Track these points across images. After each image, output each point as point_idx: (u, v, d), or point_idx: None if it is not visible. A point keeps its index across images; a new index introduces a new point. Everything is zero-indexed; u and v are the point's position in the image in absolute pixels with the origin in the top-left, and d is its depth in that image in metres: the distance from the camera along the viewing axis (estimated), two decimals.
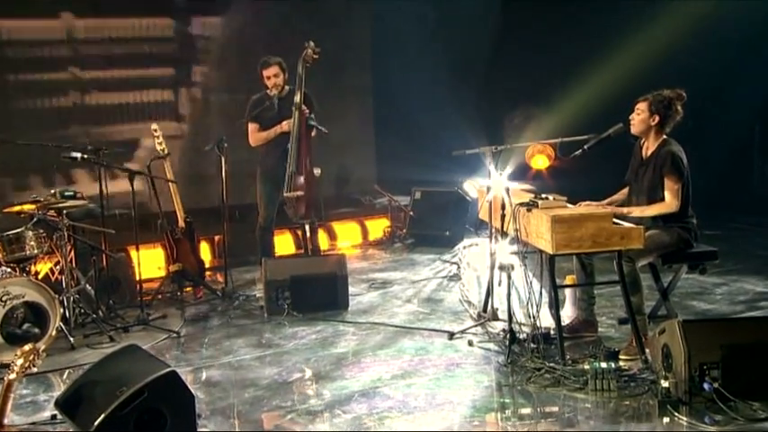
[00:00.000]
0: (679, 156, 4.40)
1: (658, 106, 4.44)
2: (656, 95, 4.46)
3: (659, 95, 4.45)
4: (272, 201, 6.13)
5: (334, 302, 5.58)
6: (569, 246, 4.06)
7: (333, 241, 8.19)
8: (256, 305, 5.79)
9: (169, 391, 3.42)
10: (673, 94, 4.44)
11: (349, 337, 5.02)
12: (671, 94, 4.43)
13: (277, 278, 5.50)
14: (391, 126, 9.00)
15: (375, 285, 6.38)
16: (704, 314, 5.13)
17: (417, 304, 5.78)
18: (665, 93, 4.45)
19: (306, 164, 5.91)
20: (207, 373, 4.48)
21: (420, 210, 8.12)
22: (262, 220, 6.22)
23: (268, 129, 6.05)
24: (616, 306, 5.27)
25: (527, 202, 4.42)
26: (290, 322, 5.34)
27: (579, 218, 4.05)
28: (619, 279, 4.27)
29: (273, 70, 5.97)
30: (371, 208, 8.84)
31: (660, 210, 4.40)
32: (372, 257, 7.69)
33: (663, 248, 4.43)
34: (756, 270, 6.19)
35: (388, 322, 5.27)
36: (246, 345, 4.94)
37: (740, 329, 3.77)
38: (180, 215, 6.11)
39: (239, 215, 7.63)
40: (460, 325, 5.10)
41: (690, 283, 5.69)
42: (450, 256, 7.39)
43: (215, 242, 7.29)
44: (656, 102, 4.44)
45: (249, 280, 6.57)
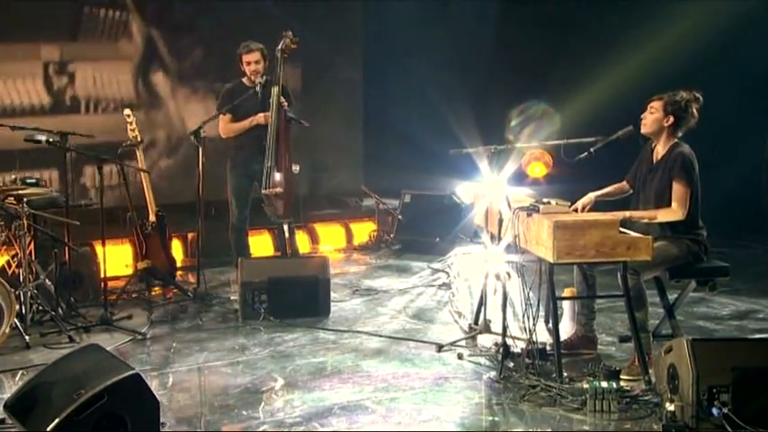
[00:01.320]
0: (690, 159, 4.33)
1: (674, 107, 4.37)
2: (671, 95, 4.40)
3: (676, 95, 4.39)
4: (244, 198, 6.04)
5: (315, 308, 5.49)
6: (572, 254, 3.98)
7: (315, 244, 8.12)
8: (230, 308, 5.70)
9: (132, 396, 3.30)
10: (690, 95, 4.38)
11: (329, 345, 4.93)
12: (688, 96, 4.37)
13: (254, 280, 5.40)
14: (381, 123, 8.94)
15: (359, 292, 6.30)
16: (711, 335, 5.07)
17: (404, 313, 5.71)
18: (682, 93, 4.38)
19: (285, 160, 5.83)
20: (174, 378, 4.36)
21: (409, 214, 8.05)
22: (234, 218, 6.13)
23: (240, 119, 5.96)
24: (616, 322, 5.23)
25: (527, 206, 4.34)
26: (265, 327, 5.25)
27: (583, 225, 3.98)
28: (623, 293, 4.19)
29: (255, 56, 5.89)
30: (357, 210, 8.79)
31: (665, 216, 4.31)
32: (357, 263, 7.62)
33: (671, 262, 4.35)
34: (766, 292, 6.15)
35: (372, 331, 5.19)
36: (218, 350, 4.84)
37: (754, 351, 3.70)
38: (151, 209, 5.99)
39: (216, 212, 7.54)
40: (450, 337, 5.02)
41: (696, 302, 5.64)
42: (441, 264, 7.32)
43: (188, 240, 7.17)
44: (671, 102, 4.38)
45: (224, 281, 6.47)
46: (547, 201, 4.39)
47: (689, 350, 3.54)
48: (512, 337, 4.53)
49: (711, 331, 5.17)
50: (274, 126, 5.79)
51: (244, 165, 6.01)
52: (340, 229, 8.42)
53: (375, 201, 8.33)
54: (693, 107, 4.38)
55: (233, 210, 6.13)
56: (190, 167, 6.09)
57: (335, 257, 7.79)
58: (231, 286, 6.21)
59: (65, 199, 5.45)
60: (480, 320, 5.01)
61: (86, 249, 5.97)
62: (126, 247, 6.50)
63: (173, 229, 6.44)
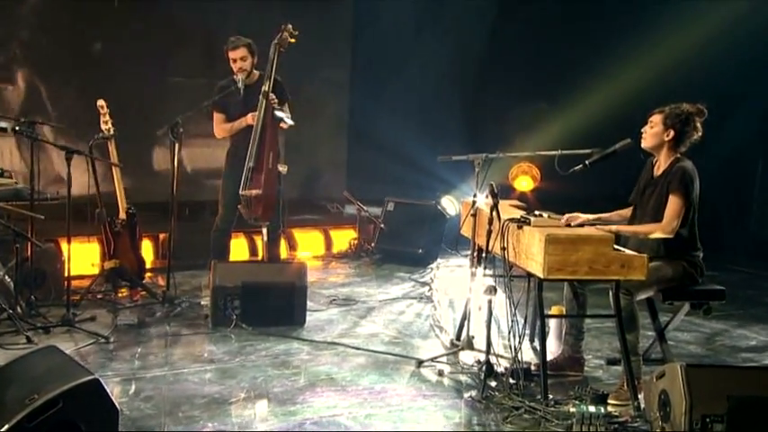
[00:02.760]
0: (690, 174, 4.25)
1: (675, 120, 4.29)
2: (673, 108, 4.32)
3: (677, 108, 4.31)
4: (234, 200, 5.91)
5: (290, 317, 5.40)
6: (563, 270, 3.88)
7: (292, 251, 8.03)
8: (200, 313, 5.59)
9: (89, 403, 3.16)
10: (693, 108, 4.30)
11: (303, 356, 4.82)
12: (690, 109, 4.29)
13: (226, 284, 5.29)
14: (368, 128, 8.85)
15: (336, 302, 6.22)
16: (703, 360, 5.01)
17: (383, 325, 5.62)
18: (684, 106, 4.30)
19: (268, 159, 5.73)
20: (137, 385, 4.23)
21: (392, 223, 7.98)
22: (219, 220, 6.04)
23: (233, 119, 5.89)
24: (604, 344, 5.17)
25: (518, 218, 4.25)
26: (237, 335, 5.14)
27: (576, 240, 3.89)
28: (615, 313, 4.11)
29: (240, 52, 5.79)
30: (338, 216, 8.71)
31: (654, 230, 4.22)
32: (335, 271, 7.55)
33: (665, 283, 4.28)
34: (759, 317, 6.13)
35: (349, 343, 5.10)
36: (185, 357, 4.72)
37: (751, 380, 3.61)
38: (121, 205, 5.85)
39: (189, 212, 7.41)
40: (430, 352, 4.94)
41: (686, 326, 5.59)
42: (422, 275, 7.27)
43: (160, 240, 7.04)
44: (672, 115, 4.30)
45: (195, 285, 6.38)
46: (539, 213, 4.32)
47: (682, 376, 3.46)
48: (495, 354, 4.43)
49: (702, 356, 5.12)
50: (259, 122, 5.69)
51: (238, 167, 5.87)
52: (319, 236, 8.35)
53: (357, 208, 8.26)
54: (697, 121, 4.29)
55: (221, 210, 6.03)
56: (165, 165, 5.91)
57: (313, 265, 7.69)
58: (203, 290, 6.10)
59: (30, 191, 5.28)
60: (463, 336, 4.92)
61: (51, 246, 5.84)
62: (93, 245, 6.36)
63: (144, 229, 6.31)
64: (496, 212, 4.33)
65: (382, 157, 8.52)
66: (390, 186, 8.34)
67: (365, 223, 8.31)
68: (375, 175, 8.65)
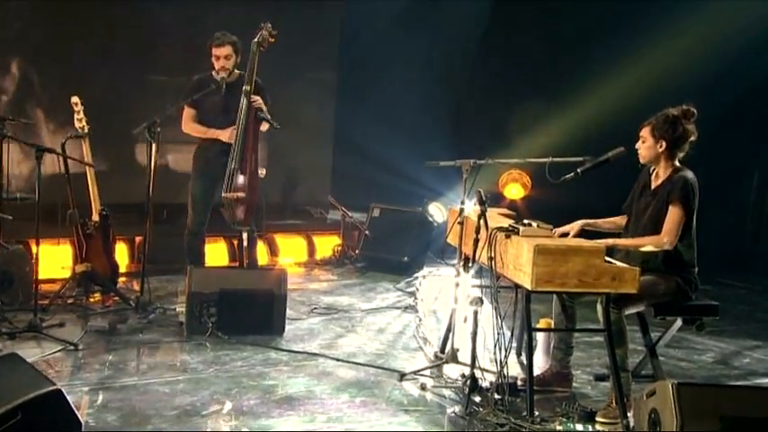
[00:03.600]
0: (692, 185, 4.18)
1: (663, 130, 4.22)
2: (658, 117, 4.25)
3: (662, 116, 4.24)
4: (205, 202, 5.88)
5: (268, 325, 5.32)
6: (552, 282, 3.81)
7: (274, 256, 8.00)
8: (175, 321, 5.49)
9: (51, 415, 3.07)
10: (677, 111, 4.22)
11: (281, 367, 4.74)
12: (675, 113, 4.21)
13: (203, 291, 5.20)
14: (354, 131, 8.81)
15: (317, 310, 6.15)
16: (694, 378, 4.98)
17: (364, 336, 5.55)
18: (669, 112, 4.23)
19: (250, 162, 5.68)
20: (104, 395, 4.11)
21: (377, 229, 7.94)
22: (191, 223, 5.96)
23: (209, 115, 5.82)
24: (593, 359, 5.13)
25: (506, 226, 4.18)
26: (212, 344, 5.04)
27: (566, 250, 3.82)
28: (604, 327, 4.05)
29: (226, 50, 5.73)
30: (322, 222, 8.68)
31: (651, 243, 4.16)
32: (317, 278, 7.49)
33: (657, 298, 4.22)
34: (752, 334, 6.11)
35: (329, 354, 5.02)
36: (157, 366, 4.62)
37: (744, 400, 3.55)
38: (95, 207, 5.75)
39: (167, 215, 7.31)
40: (413, 365, 4.88)
41: (677, 341, 5.54)
42: (407, 285, 7.22)
43: (135, 244, 6.93)
44: (659, 125, 4.23)
45: (171, 291, 6.29)
46: (528, 222, 4.24)
47: (674, 395, 3.40)
48: (480, 368, 4.38)
49: (693, 373, 5.08)
50: (242, 124, 5.64)
51: (208, 166, 5.84)
52: (302, 242, 8.30)
53: (341, 213, 8.21)
54: (685, 123, 4.21)
55: (190, 213, 5.96)
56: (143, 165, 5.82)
57: (295, 271, 7.65)
58: (179, 297, 5.99)
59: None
60: (447, 349, 4.84)
61: (19, 247, 5.73)
62: (64, 248, 6.26)
63: (118, 231, 6.23)
64: (484, 221, 4.26)
65: (369, 162, 8.50)
66: (376, 192, 8.31)
67: (350, 229, 8.26)
68: (361, 180, 8.63)
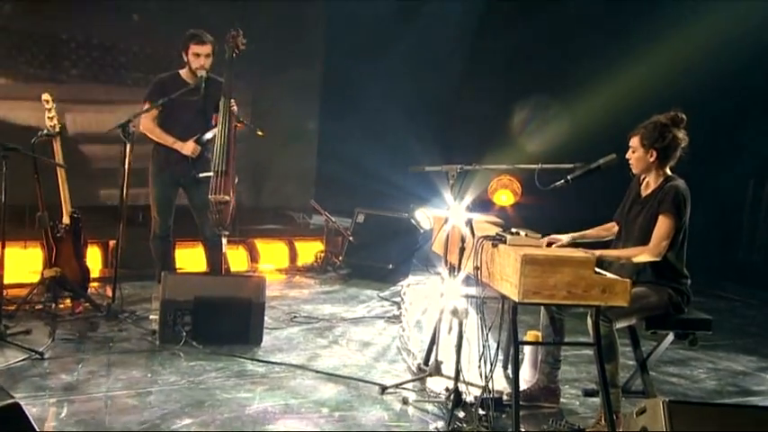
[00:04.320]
0: (683, 195, 4.15)
1: (651, 138, 4.18)
2: (647, 125, 4.22)
3: (650, 124, 4.21)
4: (168, 204, 5.88)
5: (245, 335, 5.26)
6: (540, 294, 3.75)
7: (254, 262, 7.95)
8: (148, 329, 5.41)
9: (7, 430, 2.94)
10: (665, 119, 4.19)
11: (257, 379, 4.66)
12: (664, 120, 4.18)
13: (177, 298, 5.14)
14: (339, 133, 8.76)
15: (297, 319, 6.08)
16: (686, 395, 4.94)
17: (346, 347, 5.49)
18: (658, 119, 4.19)
19: (234, 165, 5.69)
20: (69, 408, 4.02)
21: (362, 235, 7.90)
22: (156, 227, 5.95)
23: (184, 116, 5.77)
24: (582, 373, 5.11)
25: (493, 235, 4.12)
26: (186, 354, 4.97)
27: (555, 261, 3.75)
28: (593, 341, 3.99)
29: (206, 49, 5.73)
30: (304, 227, 8.63)
31: (640, 254, 4.12)
32: (299, 286, 7.44)
33: (648, 310, 4.18)
34: (746, 348, 6.10)
35: (308, 366, 4.96)
36: (127, 377, 4.54)
37: (738, 419, 3.50)
38: (65, 209, 5.64)
39: (143, 218, 7.21)
40: (396, 377, 4.82)
41: (668, 356, 5.52)
42: (391, 293, 7.17)
43: (109, 248, 6.83)
44: (648, 134, 4.19)
45: (145, 297, 6.21)
46: (516, 231, 4.18)
47: (665, 413, 3.34)
48: (465, 382, 4.30)
49: (685, 390, 5.05)
50: (225, 131, 5.62)
51: (170, 168, 5.80)
52: (283, 247, 8.25)
53: (325, 218, 8.15)
54: (674, 130, 4.18)
55: (155, 217, 5.93)
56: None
57: (276, 278, 7.62)
58: (153, 303, 5.89)
59: None
60: (431, 361, 4.80)
61: None
62: (33, 251, 6.18)
63: (91, 235, 6.16)
64: (470, 229, 4.20)
65: (353, 165, 8.43)
66: (361, 196, 8.27)
67: (333, 235, 8.21)
68: (345, 184, 8.58)
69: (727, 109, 8.46)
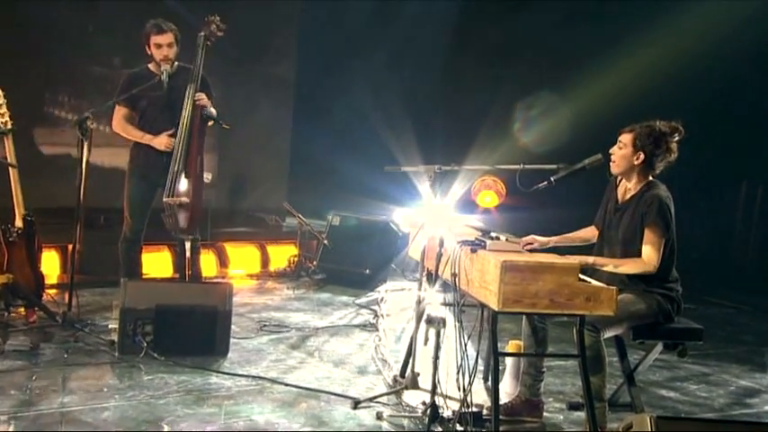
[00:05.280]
0: (667, 204, 4.15)
1: (644, 141, 4.17)
2: (644, 127, 4.22)
3: (648, 127, 4.20)
4: (143, 206, 5.78)
5: (211, 345, 5.17)
6: (521, 303, 3.69)
7: (224, 267, 7.93)
8: (106, 339, 5.28)
9: None
10: (666, 127, 4.19)
11: (222, 393, 4.57)
12: (663, 128, 4.18)
13: (138, 306, 5.03)
14: (314, 132, 8.73)
15: (268, 328, 6.00)
16: (676, 408, 4.90)
17: (318, 358, 5.41)
18: (657, 125, 4.19)
19: (195, 165, 5.58)
20: (16, 425, 3.91)
21: (337, 239, 7.85)
22: (128, 229, 5.85)
23: (150, 112, 5.69)
24: (567, 385, 5.06)
25: (472, 240, 4.07)
26: (146, 366, 4.86)
27: (537, 267, 3.69)
28: (578, 352, 3.94)
29: (167, 38, 5.62)
30: (277, 230, 8.62)
31: (634, 268, 4.14)
32: (270, 292, 7.38)
33: (636, 319, 4.15)
34: (739, 358, 6.09)
35: (277, 378, 4.87)
36: (83, 391, 4.42)
37: None
38: (18, 211, 5.51)
39: (105, 221, 7.11)
40: (370, 390, 4.76)
41: (658, 366, 5.50)
42: (368, 300, 7.12)
43: (67, 253, 6.71)
44: (643, 135, 4.18)
45: (104, 305, 6.10)
46: (496, 235, 4.13)
47: (653, 430, 3.27)
48: (443, 395, 4.25)
49: (675, 403, 5.00)
50: (186, 122, 5.54)
51: (146, 167, 5.72)
52: (255, 251, 8.23)
53: (298, 221, 8.08)
54: (670, 141, 4.18)
55: (127, 219, 5.84)
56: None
57: (246, 284, 7.58)
58: (113, 312, 5.76)
59: None
60: (407, 373, 4.71)
61: None
62: None
63: (49, 239, 6.09)
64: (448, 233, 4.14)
65: (329, 166, 8.45)
66: (337, 198, 8.25)
67: (307, 238, 8.17)
68: (320, 185, 8.55)
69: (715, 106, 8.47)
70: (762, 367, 5.83)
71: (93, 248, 6.37)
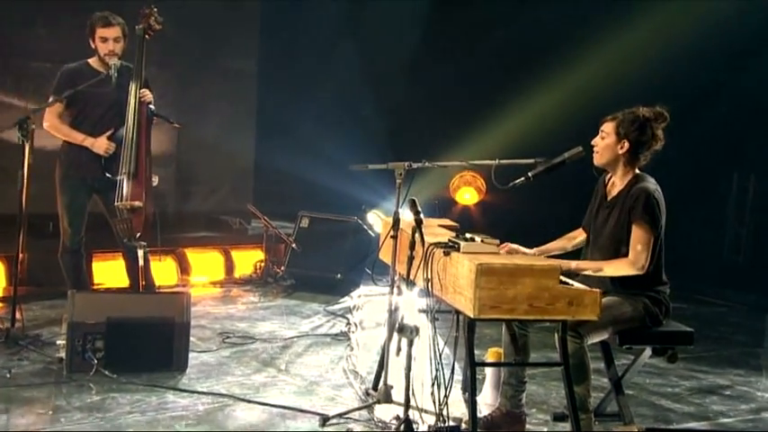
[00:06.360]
0: (655, 198, 4.09)
1: (629, 128, 4.13)
2: (627, 114, 4.18)
3: (631, 114, 4.17)
4: (81, 213, 5.72)
5: (167, 360, 5.09)
6: (498, 308, 3.61)
7: (185, 275, 7.86)
8: (54, 357, 5.17)
9: None
10: (650, 113, 4.15)
11: (179, 412, 4.47)
12: (647, 114, 4.14)
13: (87, 320, 4.95)
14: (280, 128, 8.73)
15: (231, 340, 5.92)
16: (667, 417, 4.85)
17: (285, 371, 5.34)
18: (640, 111, 4.15)
19: (144, 166, 5.53)
20: None
21: (306, 242, 7.83)
22: (66, 239, 5.78)
23: (96, 110, 5.61)
24: (551, 394, 5.05)
25: (445, 242, 3.99)
26: (97, 385, 4.74)
27: (514, 270, 3.61)
28: (561, 360, 3.88)
29: (114, 32, 5.56)
30: (242, 234, 8.59)
31: (620, 269, 4.09)
32: (235, 300, 7.34)
33: (622, 323, 4.09)
34: (732, 361, 6.09)
35: (239, 394, 4.78)
36: (26, 413, 4.32)
37: None
38: None
39: (53, 228, 6.96)
40: (340, 405, 4.69)
41: (648, 371, 5.48)
42: (340, 307, 7.10)
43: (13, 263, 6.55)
44: (626, 122, 4.14)
45: (53, 319, 6.00)
46: (470, 236, 4.05)
47: None
48: (418, 409, 4.18)
49: (666, 412, 4.96)
50: (133, 122, 5.48)
51: (80, 170, 5.64)
52: (218, 257, 8.22)
53: (264, 224, 8.08)
54: (655, 128, 4.14)
55: (65, 228, 5.77)
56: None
57: (209, 292, 7.55)
58: (62, 327, 5.63)
59: None
60: (380, 386, 4.62)
61: None
62: None
63: None
64: (419, 235, 4.03)
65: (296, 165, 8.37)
66: (305, 199, 8.25)
67: (274, 242, 8.17)
68: (287, 186, 8.56)
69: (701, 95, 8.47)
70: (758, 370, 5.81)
71: (42, 258, 6.26)
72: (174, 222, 7.62)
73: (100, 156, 5.53)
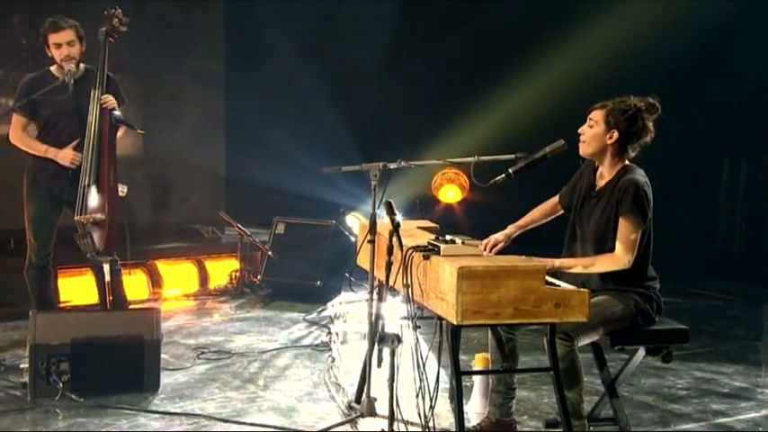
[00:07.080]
0: (644, 190, 4.05)
1: (618, 118, 4.08)
2: (617, 103, 4.14)
3: (622, 103, 4.13)
4: (48, 227, 5.61)
5: (138, 381, 5.01)
6: (482, 313, 3.55)
7: (156, 288, 7.80)
8: (18, 381, 5.08)
9: None
10: (641, 103, 4.11)
11: None
12: (638, 104, 4.10)
13: (51, 341, 4.85)
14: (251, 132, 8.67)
15: (206, 355, 5.85)
16: (664, 419, 4.81)
17: (263, 386, 5.27)
18: (631, 100, 4.11)
19: (108, 176, 5.41)
20: None
21: (283, 249, 7.81)
22: (33, 254, 5.66)
23: (55, 120, 5.51)
24: (542, 399, 4.98)
25: (424, 245, 3.93)
26: (63, 410, 4.66)
27: (498, 273, 3.55)
28: (550, 365, 3.83)
29: (66, 35, 5.44)
30: (215, 243, 8.57)
31: (606, 265, 4.04)
32: (210, 313, 7.29)
33: (613, 323, 4.05)
34: (730, 356, 6.08)
35: (215, 413, 4.71)
36: None
37: None
38: None
39: (15, 244, 6.90)
40: (321, 421, 4.63)
41: (643, 371, 5.46)
42: (320, 316, 7.07)
43: None
44: (616, 111, 4.10)
45: (17, 341, 5.92)
46: (451, 238, 4.02)
47: None
48: (403, 421, 4.16)
49: (663, 413, 4.92)
50: (95, 130, 5.38)
51: (47, 182, 5.54)
52: (192, 268, 8.18)
53: (238, 231, 8.03)
54: (647, 118, 4.10)
55: (32, 242, 5.65)
56: None
57: (183, 306, 7.50)
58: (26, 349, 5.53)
59: None
60: (363, 398, 4.59)
61: None
62: None
63: None
64: (397, 238, 3.96)
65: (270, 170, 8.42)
66: (280, 204, 8.25)
67: (249, 250, 8.14)
68: (261, 191, 8.56)
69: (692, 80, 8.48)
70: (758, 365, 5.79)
71: (6, 276, 6.22)
72: (143, 233, 7.56)
73: (67, 167, 5.44)
